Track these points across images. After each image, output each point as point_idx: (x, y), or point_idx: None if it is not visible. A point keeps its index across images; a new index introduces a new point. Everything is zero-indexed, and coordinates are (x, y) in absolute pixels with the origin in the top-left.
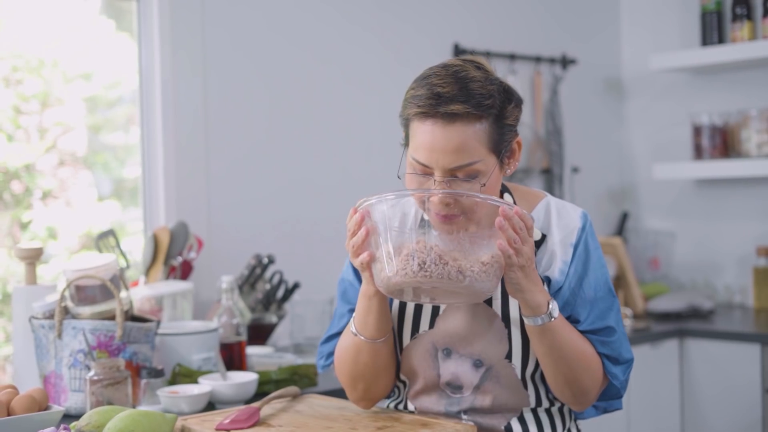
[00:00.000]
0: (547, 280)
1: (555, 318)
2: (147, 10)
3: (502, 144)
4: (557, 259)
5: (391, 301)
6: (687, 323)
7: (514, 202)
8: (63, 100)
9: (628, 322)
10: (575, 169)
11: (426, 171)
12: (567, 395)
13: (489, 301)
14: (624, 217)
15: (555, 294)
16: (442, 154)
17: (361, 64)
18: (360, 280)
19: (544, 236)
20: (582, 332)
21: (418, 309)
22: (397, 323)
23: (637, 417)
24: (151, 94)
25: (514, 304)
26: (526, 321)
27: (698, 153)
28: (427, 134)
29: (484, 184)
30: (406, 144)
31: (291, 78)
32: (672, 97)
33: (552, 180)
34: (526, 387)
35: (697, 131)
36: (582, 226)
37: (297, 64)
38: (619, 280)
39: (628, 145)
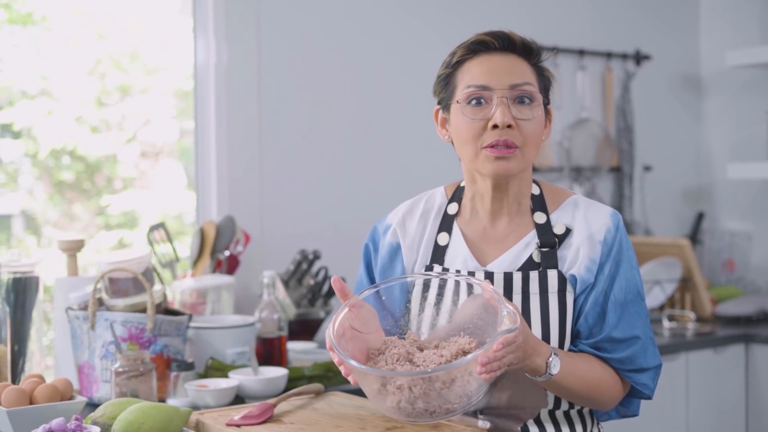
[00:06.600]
0: (573, 279)
1: (554, 375)
2: (203, 2)
3: (545, 91)
4: (583, 256)
5: (405, 304)
6: (756, 328)
7: (542, 194)
8: (144, 91)
9: (690, 326)
10: (647, 168)
11: (483, 94)
12: (586, 408)
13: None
14: (699, 217)
15: (585, 292)
16: (501, 73)
17: (420, 61)
18: (368, 268)
19: (568, 230)
20: (608, 339)
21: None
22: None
23: (696, 425)
24: (205, 86)
25: (534, 306)
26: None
27: None
28: (484, 62)
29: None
30: (445, 104)
31: (347, 73)
32: (751, 94)
33: (622, 178)
34: None
35: None
36: (615, 226)
37: (353, 59)
38: (686, 282)
39: (705, 143)
